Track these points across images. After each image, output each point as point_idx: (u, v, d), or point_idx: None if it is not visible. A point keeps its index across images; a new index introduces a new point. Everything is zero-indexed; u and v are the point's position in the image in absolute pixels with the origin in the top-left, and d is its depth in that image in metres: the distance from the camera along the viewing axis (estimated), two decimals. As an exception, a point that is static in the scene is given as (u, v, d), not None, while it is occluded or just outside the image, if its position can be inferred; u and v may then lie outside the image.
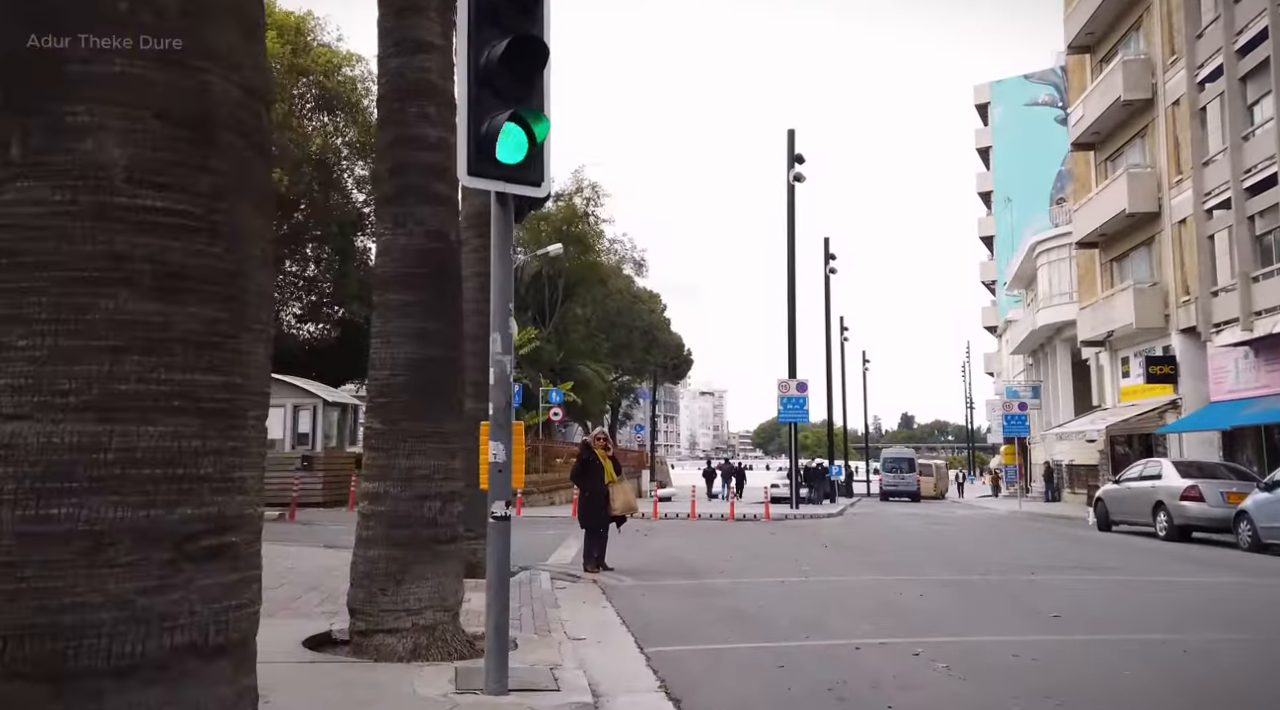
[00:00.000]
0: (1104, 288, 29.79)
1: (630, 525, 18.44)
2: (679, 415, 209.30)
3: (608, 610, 7.77)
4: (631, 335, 47.93)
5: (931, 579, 9.64)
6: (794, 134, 25.36)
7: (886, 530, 18.24)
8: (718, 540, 14.97)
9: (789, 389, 24.68)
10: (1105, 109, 27.67)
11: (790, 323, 25.31)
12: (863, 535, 16.58)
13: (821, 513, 23.18)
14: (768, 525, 19.41)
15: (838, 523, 20.69)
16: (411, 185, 5.88)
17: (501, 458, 4.77)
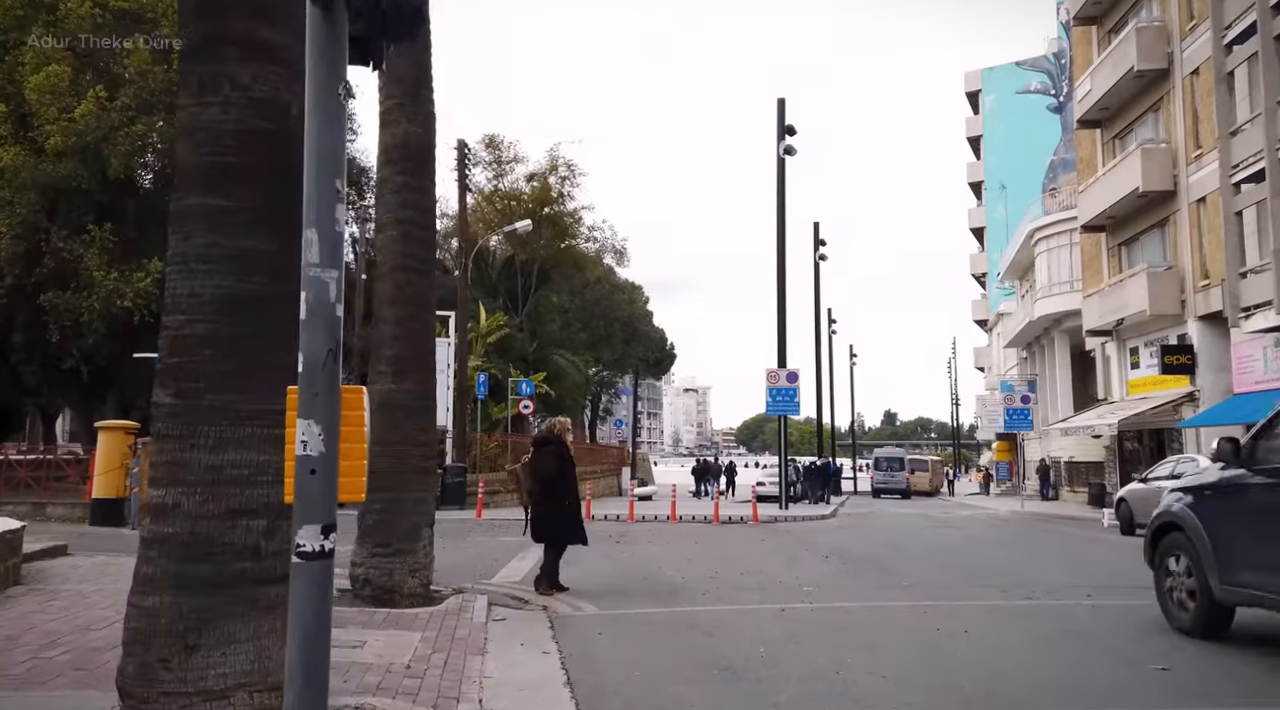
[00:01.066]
0: (1111, 274, 28.03)
1: (604, 530, 16.41)
2: (662, 412, 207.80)
3: (550, 658, 5.74)
4: (611, 327, 45.93)
5: (972, 605, 7.67)
6: (784, 104, 23.43)
7: (890, 535, 16.31)
8: (701, 549, 12.97)
9: (778, 379, 22.72)
10: (1116, 82, 25.87)
11: (780, 306, 23.37)
12: (866, 542, 14.62)
13: (814, 514, 21.24)
14: (757, 529, 17.44)
15: (833, 526, 18.75)
16: (227, 32, 3.81)
17: (318, 448, 2.71)
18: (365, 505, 7.62)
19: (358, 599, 7.39)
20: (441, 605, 7.44)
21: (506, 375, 26.61)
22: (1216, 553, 6.21)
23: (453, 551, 12.20)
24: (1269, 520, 5.85)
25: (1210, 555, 6.24)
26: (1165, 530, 6.99)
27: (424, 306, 7.87)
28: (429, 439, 7.97)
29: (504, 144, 31.35)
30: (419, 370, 7.79)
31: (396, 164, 7.86)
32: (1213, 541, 6.29)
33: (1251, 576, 5.84)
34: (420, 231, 7.88)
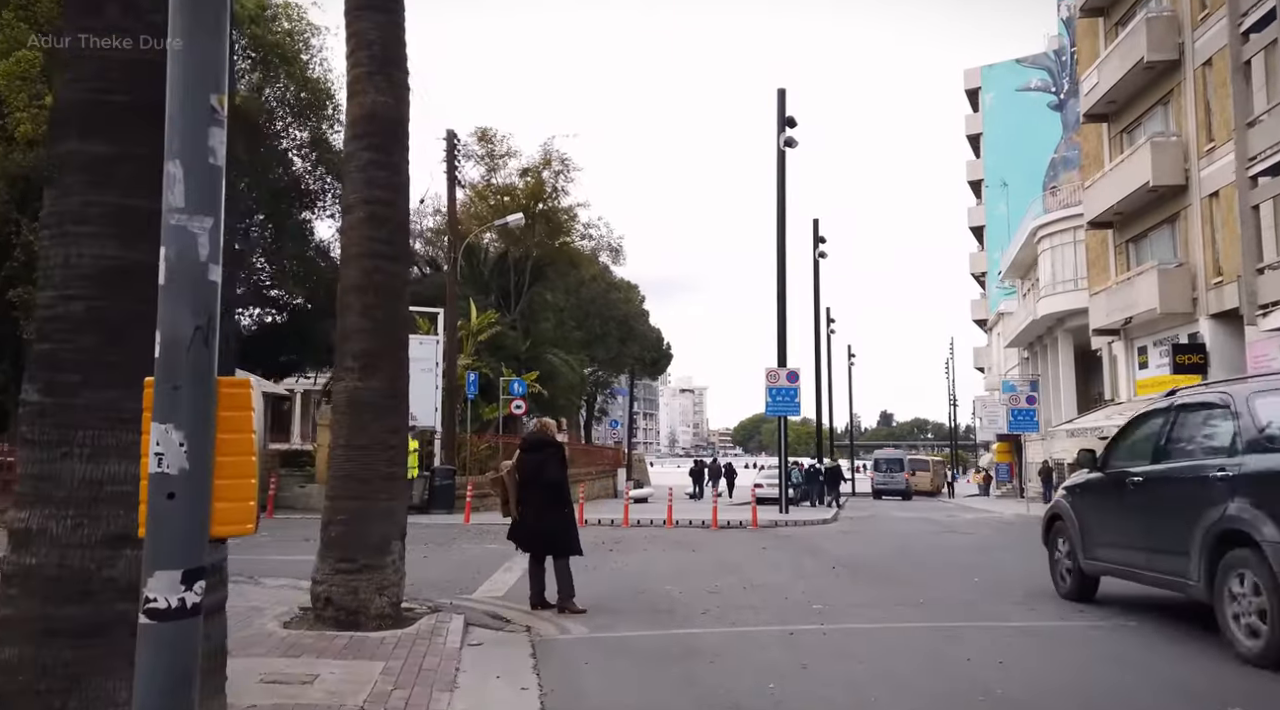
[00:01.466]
0: (1118, 271, 27.35)
1: (596, 536, 15.65)
2: (659, 412, 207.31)
3: (528, 695, 4.99)
4: (607, 325, 45.15)
5: (1001, 627, 6.93)
6: (784, 94, 22.69)
7: (898, 541, 15.58)
8: (699, 557, 12.22)
9: (778, 379, 21.98)
10: (1124, 74, 25.18)
11: (780, 303, 22.62)
12: (874, 550, 13.88)
13: (815, 518, 20.50)
14: (757, 535, 16.70)
15: (836, 532, 18.02)
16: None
17: (179, 463, 1.95)
18: (329, 515, 6.88)
19: (319, 621, 6.64)
20: (413, 627, 6.69)
21: (498, 374, 25.83)
22: (1082, 536, 8.07)
23: (435, 562, 11.46)
24: (1109, 511, 7.75)
25: (1079, 538, 8.11)
26: (1054, 519, 8.82)
27: (394, 296, 7.12)
28: (400, 442, 7.21)
29: (497, 137, 30.68)
30: (388, 366, 7.03)
31: (363, 138, 7.10)
32: (1080, 527, 8.14)
33: (1102, 552, 7.78)
34: (390, 213, 7.12)
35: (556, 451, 8.06)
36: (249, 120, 22.61)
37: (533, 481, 7.94)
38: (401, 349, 7.26)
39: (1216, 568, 5.99)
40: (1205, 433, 6.84)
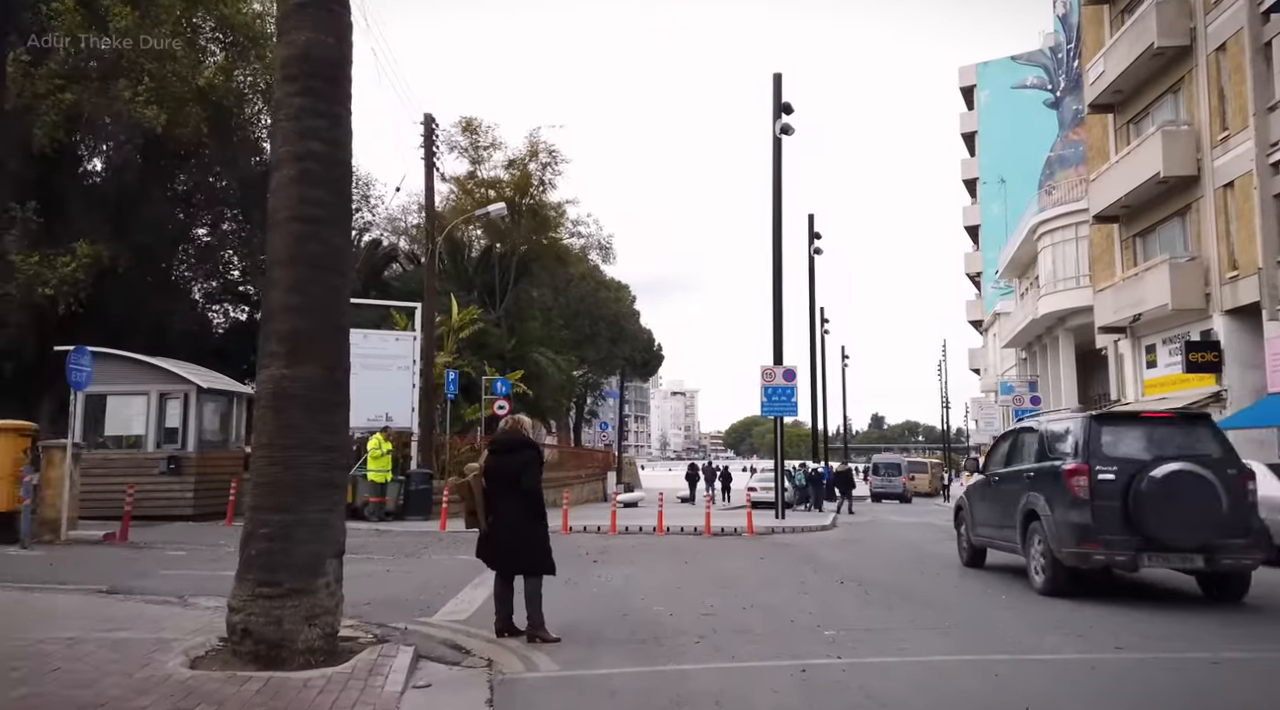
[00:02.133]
0: (1125, 267, 26.40)
1: (580, 545, 14.53)
2: (650, 415, 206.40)
3: (476, 766, 3.87)
4: (597, 325, 44.07)
5: (1050, 661, 5.85)
6: (780, 79, 21.63)
7: (904, 550, 14.52)
8: (692, 570, 11.12)
9: (774, 377, 20.90)
10: (1132, 62, 24.24)
11: (775, 298, 21.55)
12: (880, 560, 12.82)
13: (813, 524, 19.42)
14: (753, 543, 15.60)
15: (837, 539, 16.94)
16: None
17: None
18: (250, 529, 5.74)
19: (235, 657, 5.51)
20: (348, 664, 5.57)
21: (481, 374, 24.67)
22: (971, 519, 11.40)
23: (398, 575, 10.32)
24: (983, 501, 11.04)
25: (970, 521, 11.42)
26: (958, 510, 12.21)
27: (330, 268, 5.99)
28: (338, 443, 6.08)
29: (482, 128, 29.48)
30: (323, 350, 5.91)
31: (296, 82, 5.98)
32: (970, 513, 11.47)
33: (981, 530, 11.05)
34: (327, 171, 6.01)
35: (532, 454, 6.94)
36: (218, 105, 21.45)
37: (504, 489, 6.82)
38: (340, 332, 6.14)
39: (1025, 534, 9.39)
40: (1027, 448, 10.14)
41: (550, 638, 6.59)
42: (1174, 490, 8.16)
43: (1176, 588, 9.51)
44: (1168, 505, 8.15)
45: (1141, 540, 8.28)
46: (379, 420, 19.77)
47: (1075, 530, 8.50)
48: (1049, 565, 8.82)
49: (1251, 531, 8.47)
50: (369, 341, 20.14)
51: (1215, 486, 8.15)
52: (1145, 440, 8.90)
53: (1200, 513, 8.13)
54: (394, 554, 12.55)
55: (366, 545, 13.68)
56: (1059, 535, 8.64)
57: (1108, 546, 8.36)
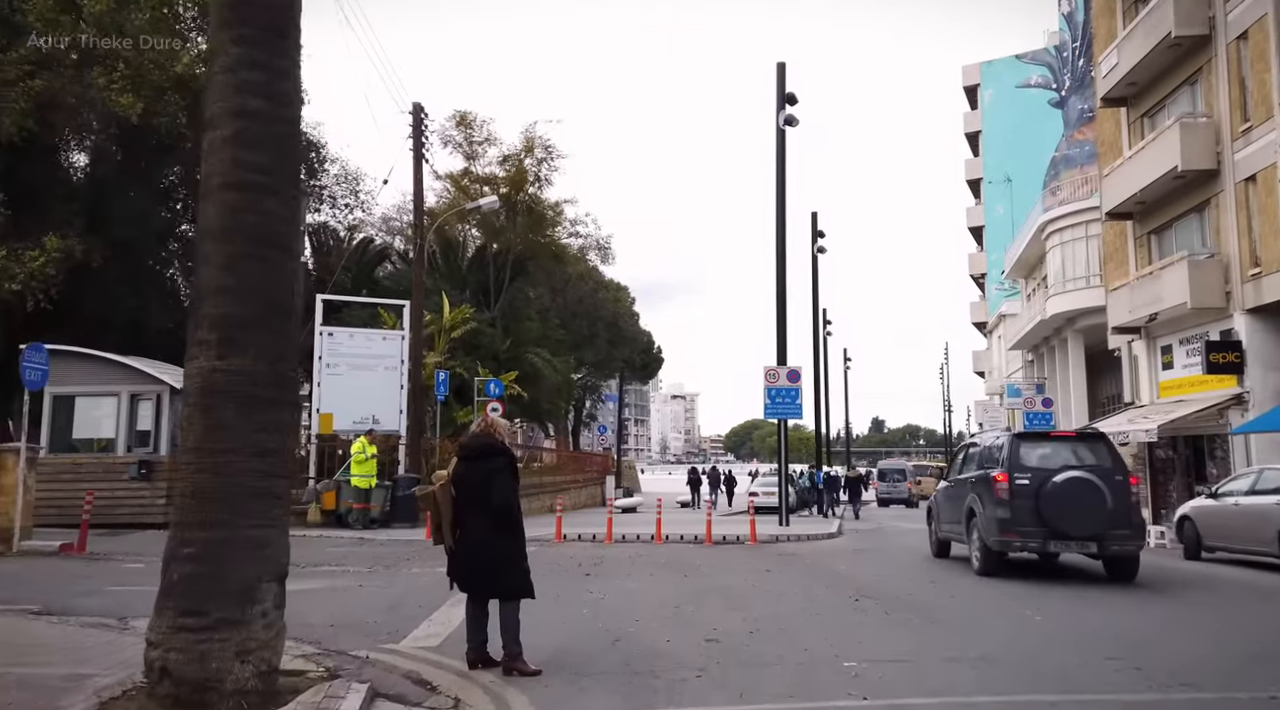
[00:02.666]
0: (1140, 265, 25.57)
1: (573, 555, 13.69)
2: (650, 419, 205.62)
3: None
4: (595, 326, 43.20)
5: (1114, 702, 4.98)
6: (784, 69, 20.82)
7: (917, 560, 13.67)
8: (691, 585, 10.27)
9: (778, 378, 20.05)
10: (1148, 53, 23.43)
11: (779, 294, 20.71)
12: (893, 573, 11.96)
13: (818, 532, 18.56)
14: (757, 553, 14.74)
15: (846, 548, 16.09)
16: None
17: None
18: (171, 548, 4.89)
19: (151, 701, 4.67)
20: (288, 707, 4.72)
21: (474, 375, 23.82)
22: (938, 517, 13.58)
23: (370, 592, 9.48)
24: (945, 501, 13.29)
25: (937, 518, 13.65)
26: (929, 510, 14.52)
27: (272, 243, 5.16)
28: (279, 445, 5.23)
29: (476, 122, 28.58)
30: (264, 339, 5.07)
31: (232, 28, 5.16)
32: (937, 512, 13.69)
33: (944, 527, 13.22)
34: (269, 132, 5.18)
35: (506, 462, 6.10)
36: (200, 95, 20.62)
37: (473, 500, 5.98)
38: (284, 318, 5.29)
39: (968, 527, 11.53)
40: (972, 459, 12.49)
41: (529, 670, 5.75)
42: (1070, 492, 10.37)
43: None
44: (1066, 504, 10.37)
45: (1048, 531, 10.55)
46: (365, 423, 18.95)
47: (999, 523, 10.79)
48: (982, 551, 11.25)
49: (1133, 525, 10.74)
50: (355, 341, 19.33)
51: (1103, 490, 10.35)
52: (1053, 453, 11.15)
53: (1091, 510, 10.32)
54: (372, 566, 11.70)
55: (345, 556, 12.84)
56: (987, 527, 11.00)
57: (1022, 536, 10.67)
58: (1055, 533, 10.45)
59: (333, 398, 18.80)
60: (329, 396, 18.77)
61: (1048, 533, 10.48)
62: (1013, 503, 10.59)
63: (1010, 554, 11.08)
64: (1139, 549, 10.74)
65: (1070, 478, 10.40)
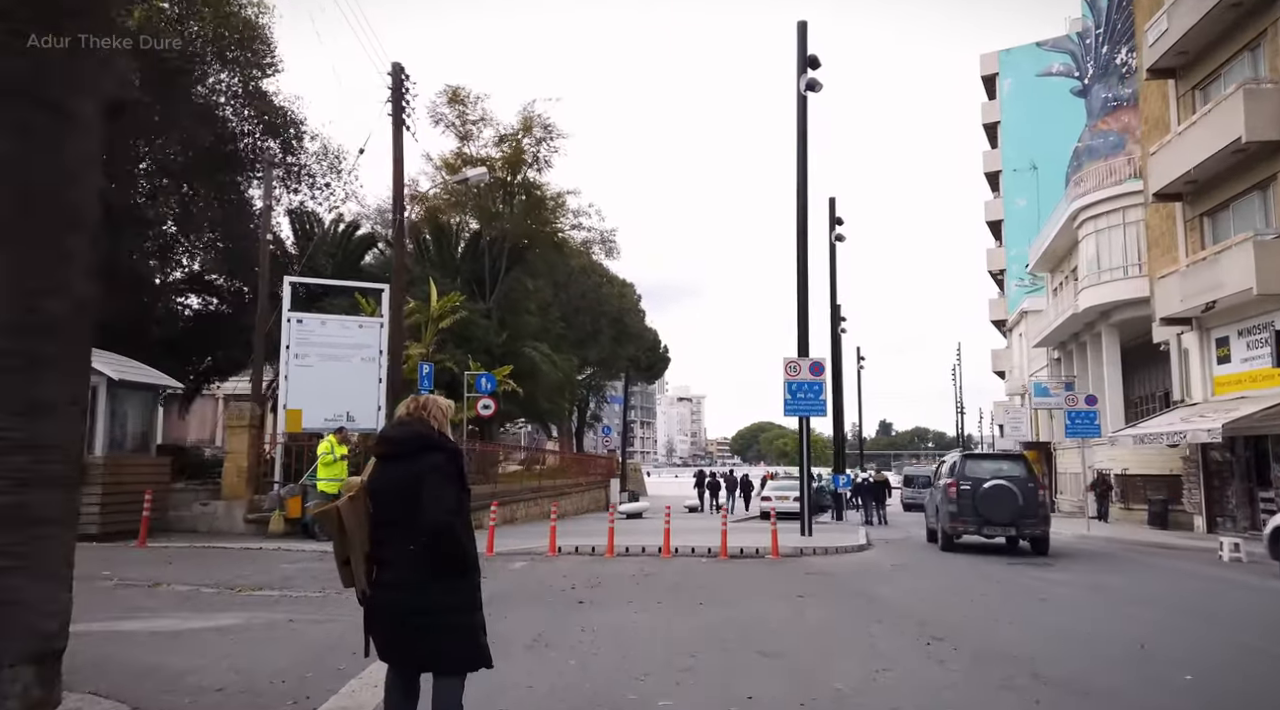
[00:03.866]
0: (1191, 250, 23.45)
1: (567, 573, 11.70)
2: (656, 421, 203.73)
3: None
4: (599, 322, 41.17)
5: None
6: (806, 29, 18.76)
7: (978, 583, 11.59)
8: (709, 618, 8.23)
9: (799, 371, 17.99)
10: (1203, 16, 21.35)
11: (800, 279, 18.65)
12: (958, 601, 9.89)
13: (848, 544, 16.44)
14: (782, 570, 12.68)
15: (883, 563, 14.01)
16: None
17: None
18: None
19: None
20: None
21: (465, 369, 21.79)
22: (928, 512, 18.61)
23: (300, 632, 7.45)
24: (930, 501, 18.29)
25: (930, 513, 17.99)
26: (921, 507, 24.01)
27: (22, 93, 3.12)
28: (42, 435, 3.21)
29: (470, 99, 26.51)
30: (11, 262, 3.04)
31: None
32: (928, 508, 18.61)
33: (930, 520, 18.06)
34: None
35: (439, 460, 3.97)
36: (162, 62, 18.70)
37: (397, 521, 3.90)
38: (50, 222, 3.25)
39: (937, 518, 16.53)
40: (942, 470, 17.74)
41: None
42: (994, 494, 15.09)
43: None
44: (992, 502, 15.09)
45: (982, 520, 15.25)
46: (339, 419, 16.96)
47: (949, 515, 15.59)
48: (941, 534, 16.19)
49: (1039, 516, 15.34)
50: (328, 329, 17.33)
51: (1016, 492, 15.12)
52: (987, 467, 16.05)
53: (1008, 506, 15.08)
54: (323, 589, 9.69)
55: (295, 576, 10.83)
56: (943, 518, 15.90)
57: (965, 524, 15.44)
58: (986, 521, 15.27)
59: (302, 392, 16.80)
60: (298, 391, 16.78)
61: (981, 521, 15.29)
62: (959, 501, 15.48)
63: (957, 539, 16.03)
64: (1044, 532, 15.45)
65: (994, 484, 15.16)
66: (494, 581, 10.41)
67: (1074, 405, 23.25)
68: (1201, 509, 22.94)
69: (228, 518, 15.65)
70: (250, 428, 15.94)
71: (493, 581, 10.43)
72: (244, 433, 15.86)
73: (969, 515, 15.23)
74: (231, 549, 13.43)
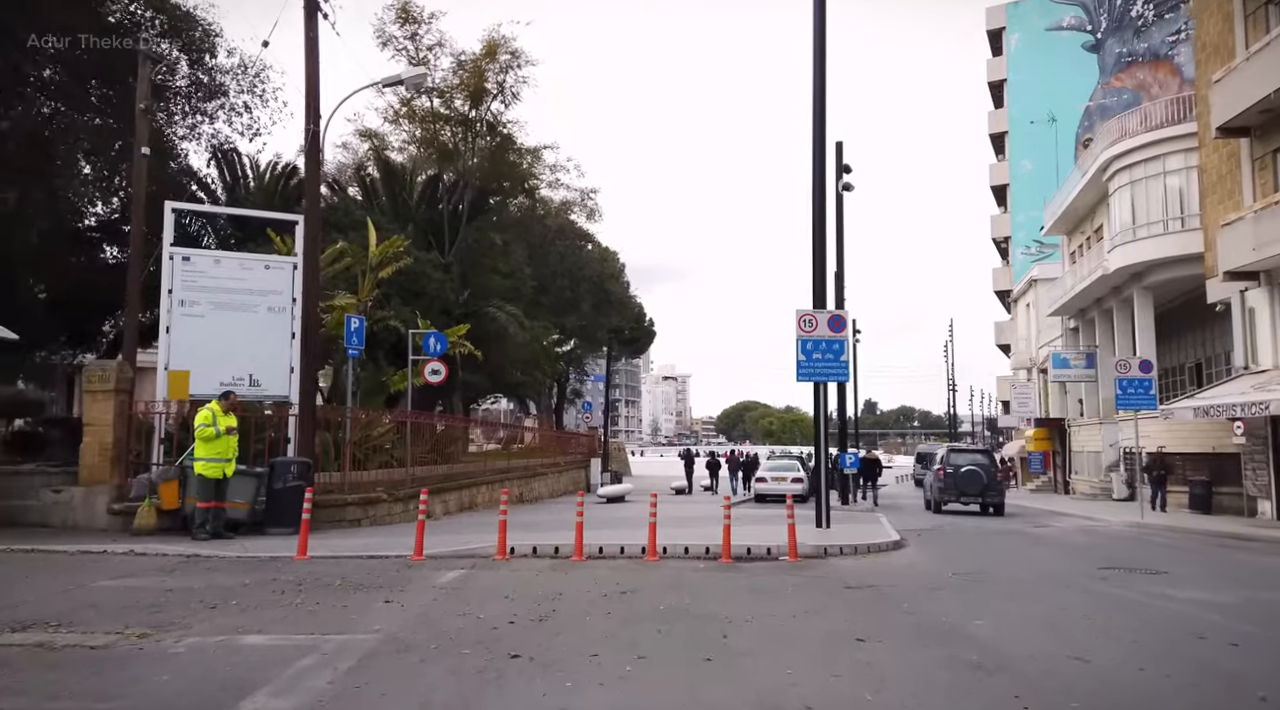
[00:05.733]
0: (1260, 193, 20.22)
1: (514, 590, 8.18)
2: (641, 400, 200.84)
3: None
4: (579, 288, 37.61)
5: None
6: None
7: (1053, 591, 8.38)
8: (721, 693, 4.83)
9: (815, 326, 14.61)
10: (1288, -90, 18.00)
11: (817, 217, 15.28)
12: (1050, 626, 6.62)
13: (877, 541, 13.07)
14: (806, 580, 9.38)
15: (930, 566, 10.73)
16: None
17: None
18: None
19: None
20: None
21: (415, 327, 18.25)
22: (925, 487, 27.30)
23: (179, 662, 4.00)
24: (929, 481, 25.48)
25: (926, 487, 25.90)
26: (920, 482, 38.38)
27: None
28: None
29: (423, 17, 22.64)
30: None
31: None
32: (927, 483, 26.30)
33: (927, 493, 25.49)
34: None
35: None
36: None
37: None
38: None
39: (928, 492, 24.98)
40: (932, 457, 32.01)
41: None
42: (967, 475, 22.45)
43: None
44: (965, 481, 22.42)
45: (959, 493, 22.51)
46: (240, 384, 13.49)
47: (939, 489, 22.99)
48: (934, 503, 23.48)
49: (998, 490, 22.71)
50: (223, 268, 13.79)
51: (982, 474, 22.55)
52: (964, 456, 23.50)
53: (977, 483, 22.36)
54: (123, 628, 6.27)
55: (101, 604, 7.38)
56: (934, 491, 23.59)
57: (948, 495, 22.65)
58: (963, 493, 22.51)
59: (191, 349, 13.28)
60: (185, 348, 13.26)
61: (959, 493, 22.54)
62: (944, 480, 22.84)
63: (943, 507, 23.11)
64: (1000, 501, 22.59)
65: (968, 468, 22.64)
66: (397, 610, 7.00)
67: (1126, 373, 20.02)
68: (1271, 492, 19.86)
69: (86, 508, 12.19)
70: (117, 393, 12.43)
71: (396, 610, 6.99)
72: (108, 399, 12.36)
73: (951, 490, 22.72)
74: (62, 553, 9.98)
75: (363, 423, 15.53)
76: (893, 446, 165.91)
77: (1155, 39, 50.78)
